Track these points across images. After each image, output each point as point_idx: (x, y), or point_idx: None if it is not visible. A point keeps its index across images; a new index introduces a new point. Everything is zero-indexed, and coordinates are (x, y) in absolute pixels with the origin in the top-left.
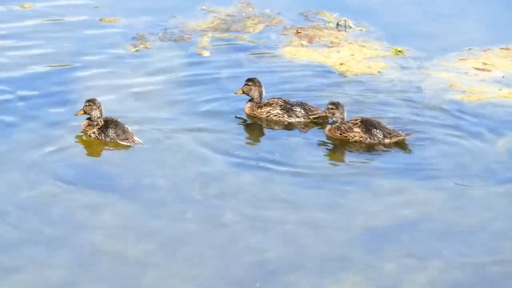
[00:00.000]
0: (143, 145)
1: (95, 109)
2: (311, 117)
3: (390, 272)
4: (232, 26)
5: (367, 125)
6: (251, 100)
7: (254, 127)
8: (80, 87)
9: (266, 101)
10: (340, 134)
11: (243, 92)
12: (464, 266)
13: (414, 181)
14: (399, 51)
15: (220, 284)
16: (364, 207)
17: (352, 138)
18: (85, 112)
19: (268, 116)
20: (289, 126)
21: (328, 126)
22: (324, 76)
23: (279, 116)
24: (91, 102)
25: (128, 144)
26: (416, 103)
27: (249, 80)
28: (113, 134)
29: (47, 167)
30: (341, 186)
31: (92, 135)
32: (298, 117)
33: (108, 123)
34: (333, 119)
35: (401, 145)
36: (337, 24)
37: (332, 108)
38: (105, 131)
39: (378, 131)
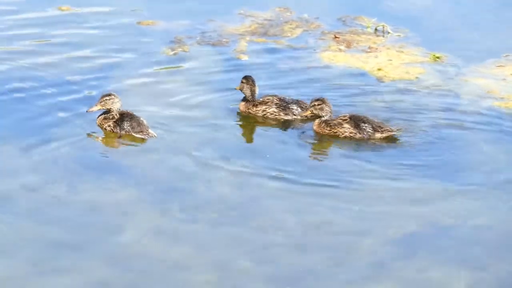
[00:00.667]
0: (167, 142)
1: (117, 101)
2: (300, 115)
3: (431, 279)
4: (270, 31)
5: (356, 120)
6: (244, 98)
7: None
8: (117, 90)
9: (261, 99)
10: (329, 130)
11: (239, 89)
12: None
13: (452, 187)
14: (437, 57)
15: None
16: (398, 212)
17: (342, 134)
18: (102, 107)
19: (265, 114)
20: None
21: (316, 122)
22: (362, 81)
23: (276, 114)
24: (112, 95)
25: (143, 136)
26: (453, 109)
27: (244, 77)
28: (128, 127)
29: (68, 162)
30: (373, 193)
31: (108, 128)
32: (294, 114)
33: (124, 116)
34: (322, 114)
35: (392, 140)
36: (375, 29)
37: (319, 104)
38: (120, 124)
39: (366, 125)
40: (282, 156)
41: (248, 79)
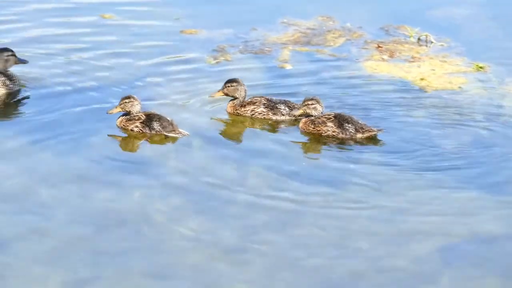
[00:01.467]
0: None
1: (137, 104)
2: (291, 114)
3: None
4: (313, 40)
5: (340, 119)
6: (232, 99)
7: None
8: (158, 98)
9: (249, 99)
10: (313, 128)
11: (224, 94)
12: None
13: (498, 197)
14: (481, 67)
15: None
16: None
17: (325, 132)
18: (122, 109)
19: (253, 114)
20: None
21: (303, 120)
22: (404, 90)
23: (264, 114)
24: (132, 98)
25: (176, 135)
26: (497, 120)
27: (231, 81)
28: (159, 127)
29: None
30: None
31: (135, 129)
32: (283, 114)
33: (151, 117)
34: (315, 113)
35: (373, 140)
36: (418, 39)
37: (313, 104)
38: (149, 124)
39: (350, 125)
40: None
41: (238, 81)
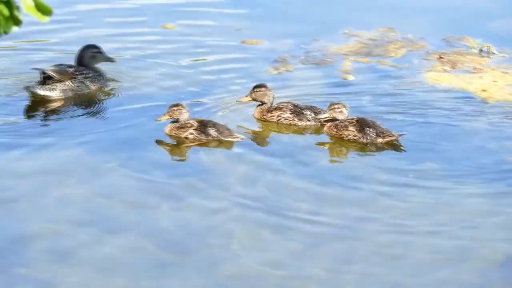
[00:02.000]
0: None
1: (185, 112)
2: (317, 118)
3: None
4: (374, 50)
5: (362, 124)
6: (260, 104)
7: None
8: (219, 109)
9: (276, 105)
10: (336, 132)
11: (252, 99)
12: None
13: None
14: None
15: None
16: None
17: (346, 136)
18: (170, 117)
19: (279, 120)
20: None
21: (328, 124)
22: (466, 102)
23: (290, 120)
24: (180, 106)
25: (234, 140)
26: None
27: (260, 86)
28: (215, 133)
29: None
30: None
31: (190, 136)
32: (308, 120)
33: (204, 123)
34: (341, 117)
35: (394, 146)
36: (480, 50)
37: (339, 107)
38: (205, 131)
39: (371, 130)
40: None
41: (266, 86)
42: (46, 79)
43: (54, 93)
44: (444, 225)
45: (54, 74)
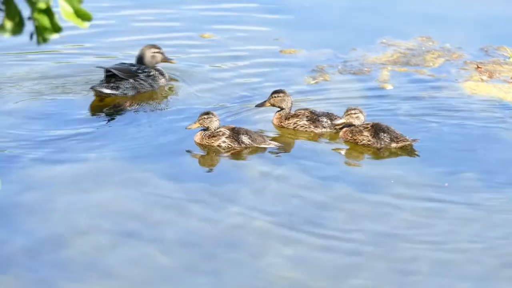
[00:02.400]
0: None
1: (215, 120)
2: (333, 124)
3: None
4: (412, 60)
5: (376, 129)
6: (279, 111)
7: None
8: (255, 118)
9: (293, 112)
10: (351, 137)
11: (271, 105)
12: None
13: None
14: None
15: None
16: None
17: (361, 141)
18: (200, 125)
19: (295, 127)
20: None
21: (344, 129)
22: (503, 112)
23: (306, 127)
24: (211, 114)
25: (266, 146)
26: None
27: (278, 91)
28: (249, 140)
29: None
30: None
31: (223, 144)
32: (324, 127)
33: (236, 131)
34: (357, 123)
35: (407, 151)
36: None
37: (355, 113)
38: (238, 138)
39: (385, 135)
40: None
41: (284, 92)
42: (109, 78)
43: (118, 91)
44: (476, 239)
45: (118, 73)
